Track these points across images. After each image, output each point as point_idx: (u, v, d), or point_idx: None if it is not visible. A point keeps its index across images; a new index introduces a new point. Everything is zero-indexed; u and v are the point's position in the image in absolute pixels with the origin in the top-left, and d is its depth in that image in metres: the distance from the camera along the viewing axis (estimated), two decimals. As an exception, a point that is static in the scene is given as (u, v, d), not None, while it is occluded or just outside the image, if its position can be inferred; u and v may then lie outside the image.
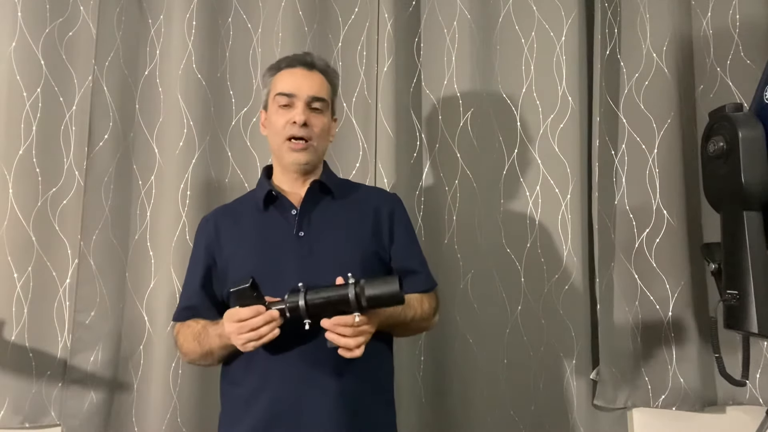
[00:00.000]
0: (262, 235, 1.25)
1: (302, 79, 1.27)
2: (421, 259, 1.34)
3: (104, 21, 1.74)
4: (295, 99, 1.25)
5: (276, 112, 1.27)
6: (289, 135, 1.24)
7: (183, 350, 1.26)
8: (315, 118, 1.26)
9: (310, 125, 1.24)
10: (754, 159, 1.12)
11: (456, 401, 1.69)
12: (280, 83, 1.28)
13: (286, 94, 1.25)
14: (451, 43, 1.79)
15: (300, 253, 1.21)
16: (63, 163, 1.71)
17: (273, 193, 1.28)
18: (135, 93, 1.77)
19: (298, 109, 1.24)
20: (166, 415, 1.62)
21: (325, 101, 1.28)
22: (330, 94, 1.31)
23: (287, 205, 1.27)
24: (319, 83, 1.28)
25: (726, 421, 1.73)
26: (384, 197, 1.37)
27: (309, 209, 1.26)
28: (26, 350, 1.63)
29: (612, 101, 1.79)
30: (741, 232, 1.15)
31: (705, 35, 1.77)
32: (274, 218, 1.26)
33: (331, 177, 1.35)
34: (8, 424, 1.61)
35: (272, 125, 1.28)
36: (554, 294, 1.73)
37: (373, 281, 1.04)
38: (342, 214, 1.28)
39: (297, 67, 1.29)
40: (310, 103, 1.25)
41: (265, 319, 1.05)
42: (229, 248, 1.27)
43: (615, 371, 1.69)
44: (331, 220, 1.26)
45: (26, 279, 1.64)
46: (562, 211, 1.75)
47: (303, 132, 1.24)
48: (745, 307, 1.13)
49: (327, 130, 1.30)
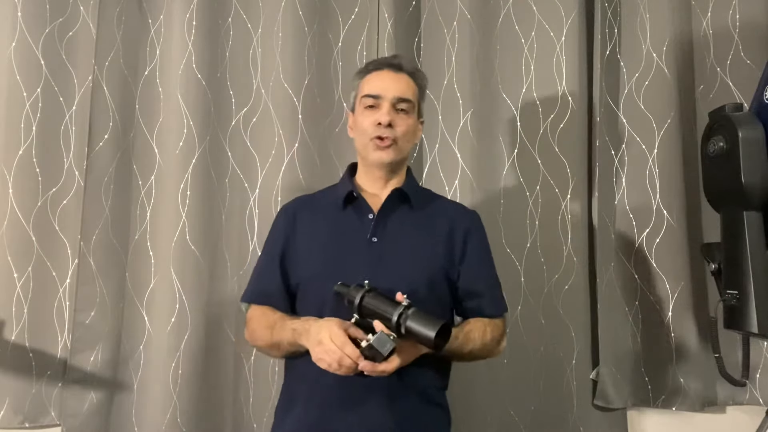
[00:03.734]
0: (336, 234, 1.26)
1: (389, 80, 1.28)
2: (491, 282, 1.32)
3: (104, 21, 1.74)
4: (381, 100, 1.25)
5: (362, 113, 1.28)
6: (374, 135, 1.24)
7: (254, 336, 1.27)
8: (400, 119, 1.26)
9: (395, 126, 1.24)
10: (754, 159, 1.13)
11: (456, 401, 1.69)
12: (367, 85, 1.29)
13: (372, 96, 1.26)
14: (451, 43, 1.79)
15: (369, 259, 1.21)
16: (63, 163, 1.71)
17: (354, 194, 1.28)
18: (135, 93, 1.77)
19: (383, 110, 1.24)
20: (166, 415, 1.61)
21: (411, 102, 1.28)
22: (417, 96, 1.31)
23: (365, 208, 1.27)
24: (405, 85, 1.28)
25: (726, 421, 1.73)
26: (462, 213, 1.35)
27: (386, 216, 1.26)
28: (26, 350, 1.63)
29: (612, 101, 1.79)
30: (741, 232, 1.15)
31: (705, 35, 1.77)
32: (351, 219, 1.27)
33: (412, 185, 1.34)
34: (8, 424, 1.60)
35: (358, 126, 1.28)
36: (554, 294, 1.73)
37: (419, 315, 1.04)
38: (417, 226, 1.27)
39: (384, 70, 1.30)
40: (396, 104, 1.26)
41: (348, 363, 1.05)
42: (303, 241, 1.28)
43: (615, 371, 1.69)
44: (406, 230, 1.26)
45: (26, 279, 1.64)
46: (562, 211, 1.75)
47: (388, 132, 1.24)
48: (745, 307, 1.13)
49: (413, 131, 1.30)
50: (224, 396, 1.69)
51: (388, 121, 1.23)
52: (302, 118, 1.74)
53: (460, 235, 1.29)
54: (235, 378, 1.70)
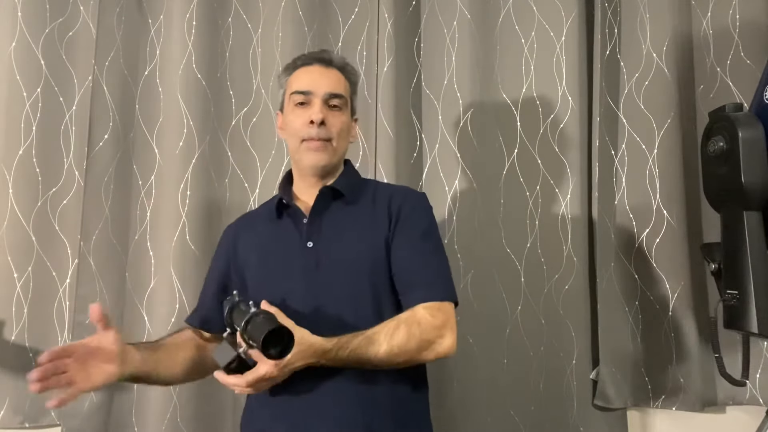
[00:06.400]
0: (273, 245, 1.20)
1: (319, 76, 1.21)
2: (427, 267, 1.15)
3: (104, 21, 1.74)
4: (312, 96, 1.19)
5: (292, 111, 1.21)
6: (306, 136, 1.18)
7: None
8: (333, 117, 1.19)
9: (328, 124, 1.18)
10: (754, 159, 1.12)
11: (456, 401, 1.69)
12: (295, 81, 1.22)
13: (302, 92, 1.19)
14: (451, 43, 1.79)
15: (306, 267, 1.14)
16: (63, 163, 1.71)
17: (284, 201, 1.22)
18: (135, 93, 1.77)
19: (315, 107, 1.18)
20: (166, 415, 1.61)
21: (344, 98, 1.22)
22: (349, 92, 1.25)
23: (299, 213, 1.20)
24: (336, 80, 1.22)
25: (726, 421, 1.73)
26: (398, 194, 1.23)
27: (318, 217, 1.19)
28: (26, 350, 1.63)
29: (612, 101, 1.79)
30: (741, 232, 1.15)
31: (705, 35, 1.77)
32: (286, 227, 1.21)
33: (345, 179, 1.24)
34: (8, 424, 1.60)
35: (289, 126, 1.22)
36: (554, 294, 1.73)
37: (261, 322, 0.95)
38: (353, 220, 1.19)
39: (313, 65, 1.23)
40: (328, 100, 1.19)
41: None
42: (243, 258, 1.23)
43: (615, 371, 1.69)
44: (342, 228, 1.18)
45: (26, 279, 1.64)
46: (562, 211, 1.75)
47: (321, 132, 1.17)
48: (745, 307, 1.13)
49: (347, 129, 1.23)
50: (224, 396, 1.68)
51: (321, 118, 1.16)
52: (302, 118, 1.74)
53: (394, 215, 1.17)
54: (235, 378, 1.70)
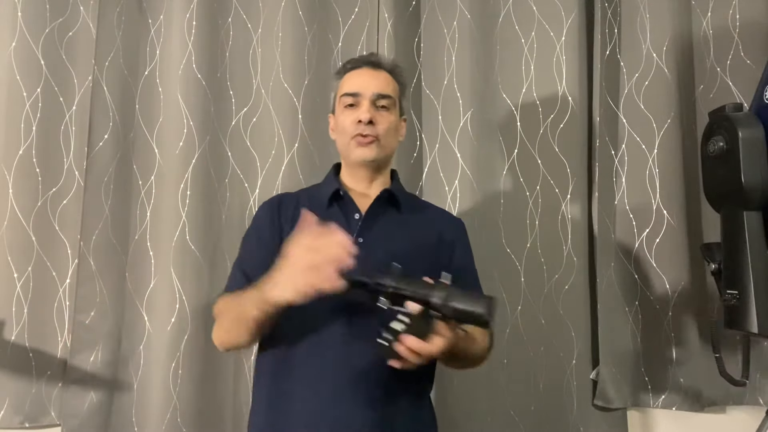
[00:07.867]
0: None
1: (368, 78, 1.25)
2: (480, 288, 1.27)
3: (104, 21, 1.74)
4: (361, 98, 1.22)
5: (342, 112, 1.25)
6: (355, 133, 1.21)
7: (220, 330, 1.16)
8: (381, 117, 1.22)
9: (376, 123, 1.21)
10: (754, 159, 1.12)
11: (456, 401, 1.69)
12: (346, 84, 1.26)
13: (351, 94, 1.23)
14: (451, 43, 1.79)
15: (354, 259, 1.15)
16: (63, 163, 1.71)
17: (340, 192, 1.24)
18: (135, 93, 1.77)
19: (363, 108, 1.21)
20: (166, 415, 1.62)
21: (392, 99, 1.25)
22: (397, 93, 1.28)
23: (352, 207, 1.22)
24: (384, 81, 1.26)
25: (726, 421, 1.73)
26: (448, 222, 1.33)
27: (373, 217, 1.21)
28: (26, 350, 1.63)
29: (612, 101, 1.79)
30: (741, 232, 1.15)
31: (705, 35, 1.77)
32: (336, 218, 1.19)
33: (400, 189, 1.30)
34: (8, 424, 1.61)
35: (339, 126, 1.26)
36: (554, 294, 1.73)
37: (464, 294, 0.96)
38: (404, 232, 1.22)
39: (362, 68, 1.27)
40: (376, 101, 1.23)
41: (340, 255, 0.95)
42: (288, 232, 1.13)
43: (615, 371, 1.69)
44: (392, 234, 1.21)
45: (26, 279, 1.64)
46: (562, 211, 1.75)
47: (369, 130, 1.20)
48: (745, 307, 1.13)
49: (395, 128, 1.27)
50: (224, 396, 1.69)
51: (369, 118, 1.20)
52: (302, 118, 1.74)
53: (447, 245, 1.26)
54: (235, 378, 1.70)
